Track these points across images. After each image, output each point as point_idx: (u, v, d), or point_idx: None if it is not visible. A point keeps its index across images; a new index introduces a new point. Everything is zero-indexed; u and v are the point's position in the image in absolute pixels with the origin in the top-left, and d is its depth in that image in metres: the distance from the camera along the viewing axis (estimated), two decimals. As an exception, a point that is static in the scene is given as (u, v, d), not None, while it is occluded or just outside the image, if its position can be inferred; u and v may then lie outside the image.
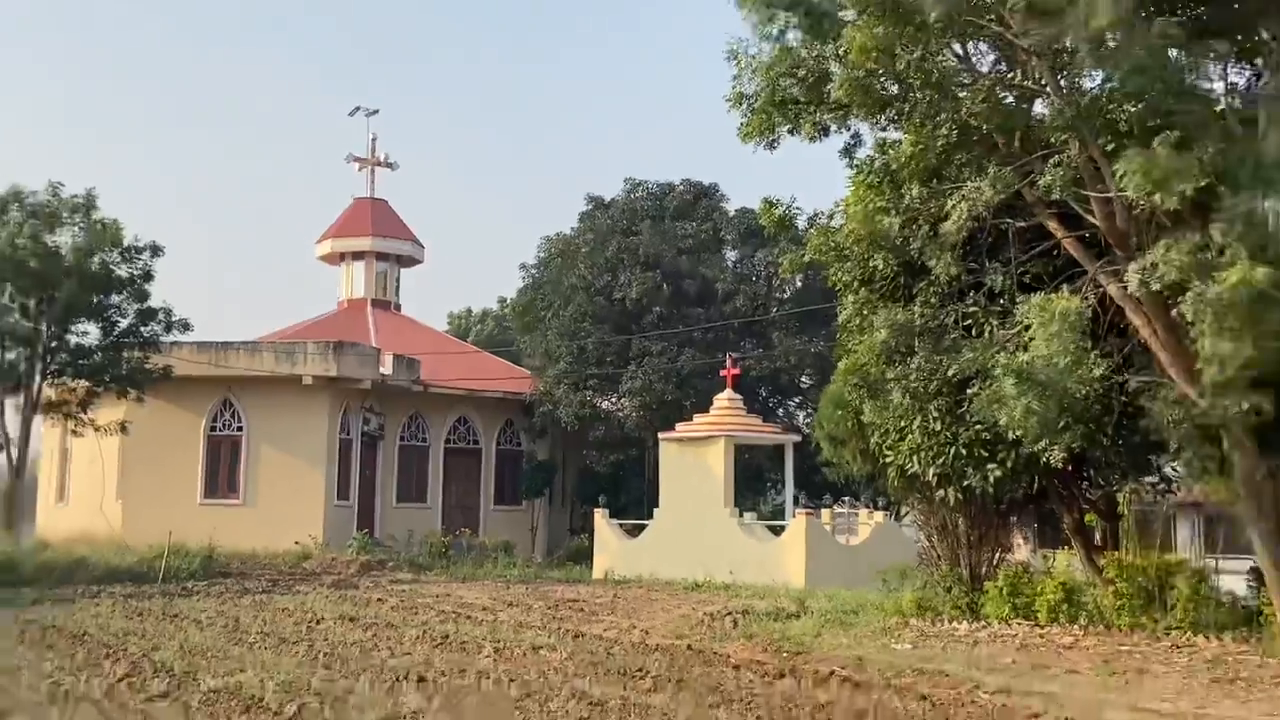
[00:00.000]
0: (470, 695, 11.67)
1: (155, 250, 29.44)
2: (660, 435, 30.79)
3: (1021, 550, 20.90)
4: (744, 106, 14.59)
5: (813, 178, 62.75)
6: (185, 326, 30.16)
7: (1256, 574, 14.93)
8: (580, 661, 14.06)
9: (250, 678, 12.40)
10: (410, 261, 44.81)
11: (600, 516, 31.17)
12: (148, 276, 29.39)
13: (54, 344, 28.37)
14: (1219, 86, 13.37)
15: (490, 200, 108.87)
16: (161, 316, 29.77)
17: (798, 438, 31.52)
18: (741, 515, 29.47)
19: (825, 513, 30.46)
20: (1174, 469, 16.70)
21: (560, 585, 26.54)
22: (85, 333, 28.90)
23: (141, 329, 29.52)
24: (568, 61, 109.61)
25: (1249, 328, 10.78)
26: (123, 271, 28.94)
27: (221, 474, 33.13)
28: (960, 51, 13.58)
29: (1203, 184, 11.06)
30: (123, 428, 31.28)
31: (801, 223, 21.25)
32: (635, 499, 35.58)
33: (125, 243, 28.85)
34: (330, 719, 10.43)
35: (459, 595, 23.39)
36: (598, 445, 39.35)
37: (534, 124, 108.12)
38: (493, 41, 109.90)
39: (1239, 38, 13.08)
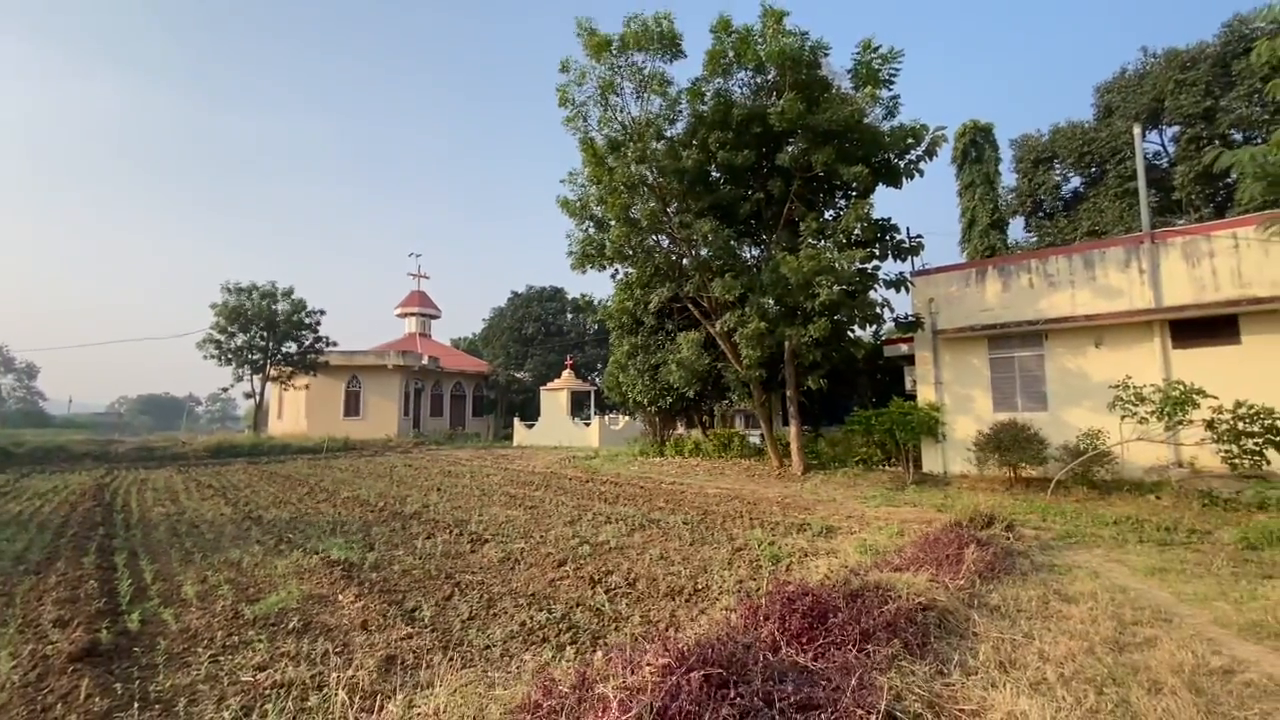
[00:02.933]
0: (460, 495, 11.23)
1: (321, 311, 27.79)
2: (541, 388, 30.12)
3: (680, 429, 21.42)
4: (571, 257, 14.37)
5: (602, 285, 62.52)
6: (333, 344, 28.18)
7: (762, 436, 15.46)
8: (506, 480, 13.67)
9: (364, 491, 11.59)
10: (435, 317, 42.30)
11: (517, 421, 30.13)
12: (318, 323, 27.54)
13: (275, 353, 26.59)
14: (748, 255, 13.90)
15: (467, 286, 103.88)
16: (324, 340, 27.85)
17: (596, 389, 31.39)
18: (574, 419, 29.14)
19: (608, 417, 30.40)
20: (734, 397, 17.41)
21: (499, 450, 25.72)
22: (290, 347, 27.03)
23: (315, 345, 27.60)
24: (508, 218, 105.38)
25: (758, 345, 11.40)
26: (307, 320, 27.05)
27: (351, 407, 30.64)
28: (655, 238, 13.54)
29: (741, 291, 11.62)
30: (307, 387, 29.30)
31: (596, 303, 21.17)
32: (531, 414, 34.75)
33: (308, 308, 27.12)
34: (397, 507, 9.88)
35: (455, 455, 22.26)
36: (515, 392, 38.13)
37: (488, 252, 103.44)
38: (475, 211, 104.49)
39: (755, 236, 13.76)
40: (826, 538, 7.33)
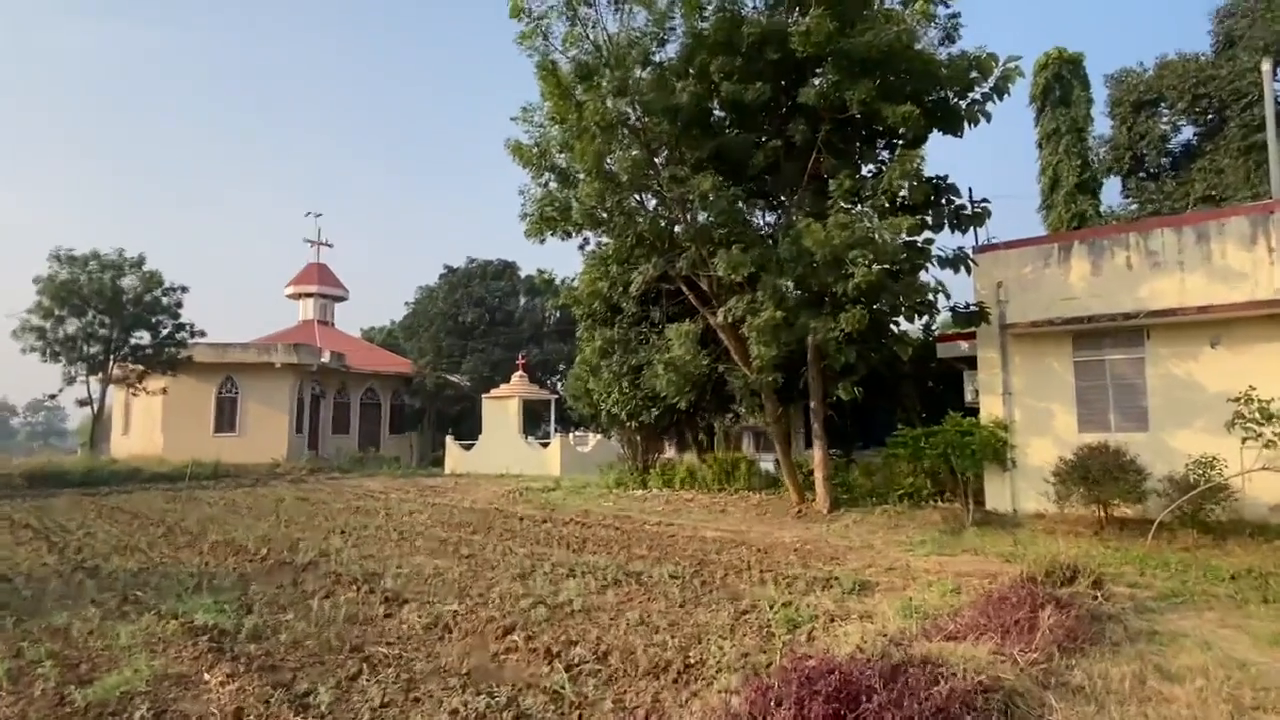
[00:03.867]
0: (372, 539, 11.16)
1: (184, 289, 27.42)
2: (483, 396, 30.07)
3: (669, 452, 21.59)
4: (526, 220, 14.39)
5: (567, 258, 62.80)
6: (202, 333, 27.92)
7: (777, 462, 15.86)
8: (434, 519, 13.69)
9: (240, 534, 11.43)
10: (340, 298, 41.96)
11: (449, 440, 30.15)
12: (179, 304, 27.08)
13: (121, 344, 25.98)
14: (760, 222, 14.10)
15: (386, 262, 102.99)
16: (188, 328, 27.35)
17: (557, 397, 31.46)
18: (526, 438, 29.16)
19: (572, 435, 30.53)
20: (740, 410, 17.64)
21: (426, 478, 25.57)
22: (141, 337, 26.47)
23: (175, 335, 27.04)
24: (441, 177, 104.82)
25: (773, 341, 11.55)
26: (164, 300, 26.56)
27: (225, 420, 30.19)
28: (638, 198, 13.65)
29: (752, 269, 11.75)
30: (164, 391, 28.82)
31: (558, 282, 21.24)
32: (469, 431, 34.65)
33: (165, 284, 26.66)
34: (285, 555, 9.76)
35: (366, 486, 22.16)
36: (448, 401, 38.06)
37: (413, 216, 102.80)
38: (396, 167, 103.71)
39: (770, 198, 13.96)
40: (860, 596, 7.42)
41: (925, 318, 13.79)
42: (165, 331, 27.07)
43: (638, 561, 9.16)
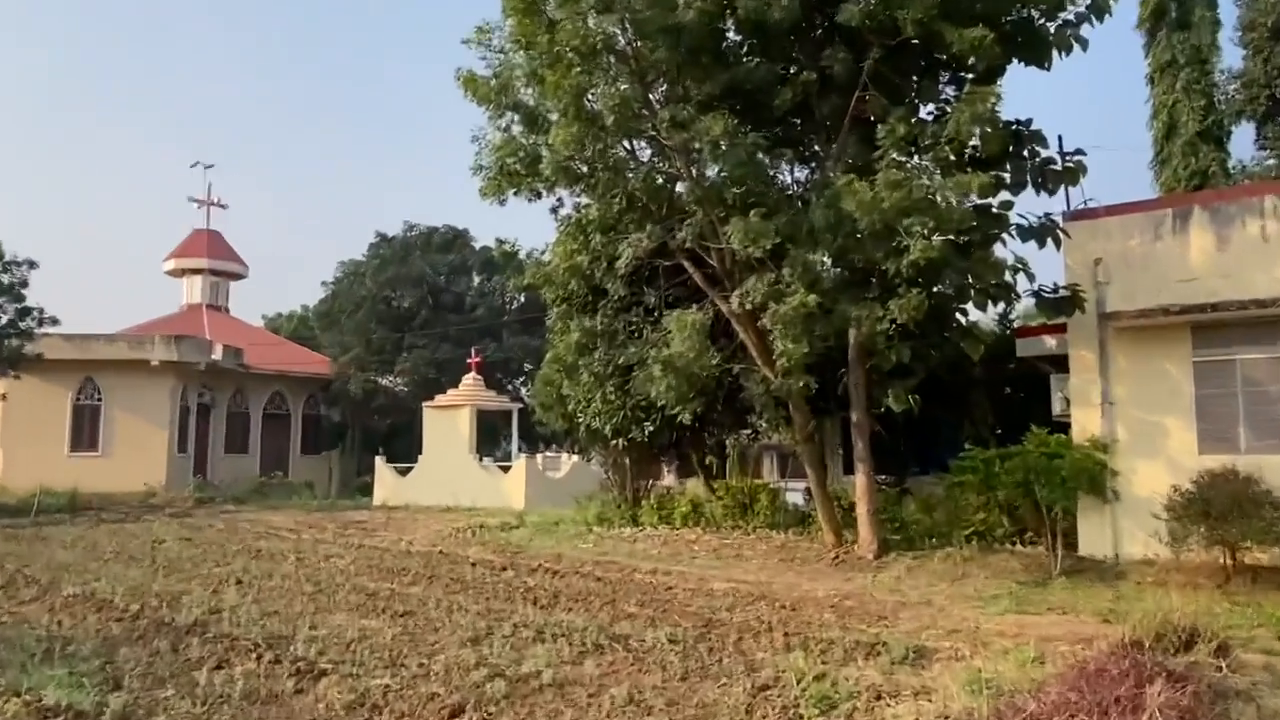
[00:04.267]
0: (278, 591, 11.14)
1: (31, 264, 26.79)
2: (424, 404, 30.09)
3: (667, 479, 21.63)
4: (482, 174, 14.38)
5: (536, 225, 62.79)
6: (54, 321, 27.23)
7: (808, 491, 15.95)
8: (361, 565, 13.69)
9: (104, 585, 11.39)
10: (237, 276, 41.91)
11: (380, 462, 30.16)
12: (24, 283, 26.58)
13: None
14: (788, 178, 14.21)
15: (298, 230, 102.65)
16: (35, 314, 26.87)
17: (520, 405, 31.50)
18: (481, 459, 29.18)
19: (539, 457, 30.61)
20: (760, 424, 17.66)
21: (349, 512, 25.54)
22: None
23: (19, 324, 26.58)
24: (369, 124, 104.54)
25: (803, 334, 11.60)
26: (3, 279, 26.06)
27: (84, 435, 30.08)
28: (628, 146, 13.73)
29: (777, 241, 11.82)
30: (2, 397, 28.69)
31: (523, 255, 21.25)
32: (405, 450, 34.62)
33: (6, 258, 26.12)
34: (164, 612, 9.72)
35: (270, 520, 22.13)
36: (378, 411, 38.10)
37: (334, 172, 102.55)
38: (313, 110, 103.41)
39: (800, 148, 14.02)
40: (914, 667, 7.46)
41: (1001, 305, 13.87)
42: (4, 319, 26.84)
43: (625, 621, 9.19)
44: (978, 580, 11.38)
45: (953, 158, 11.55)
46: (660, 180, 13.75)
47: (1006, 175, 12.42)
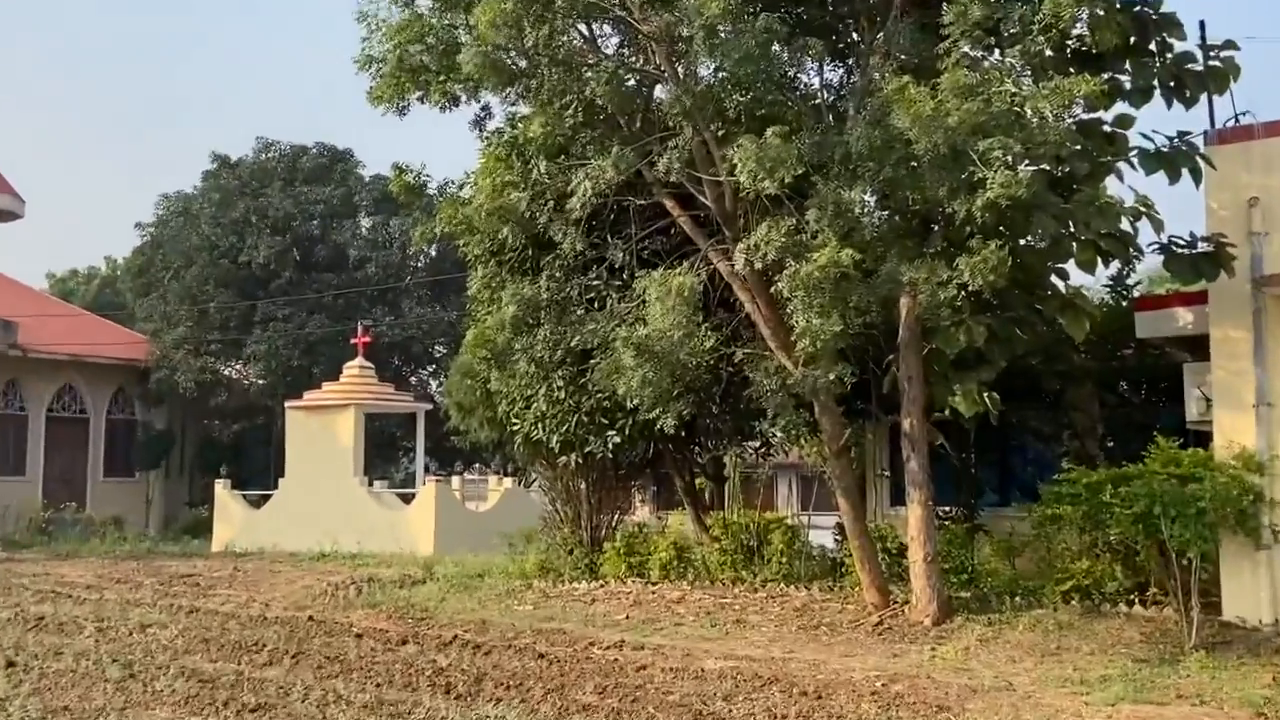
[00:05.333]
0: (66, 679, 10.98)
1: None
2: (287, 403, 29.95)
3: (640, 511, 21.67)
4: (373, 70, 14.22)
5: (453, 146, 62.28)
6: None
7: (841, 528, 15.91)
8: (193, 638, 13.56)
9: None
10: (8, 216, 41.13)
11: (221, 487, 30.02)
12: None
13: None
14: (816, 82, 14.19)
15: (99, 155, 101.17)
16: None
17: (429, 406, 31.49)
18: (371, 484, 29.12)
19: (456, 480, 30.60)
20: (773, 434, 17.69)
21: (176, 560, 25.28)
22: None
23: None
24: (196, 10, 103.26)
25: (835, 304, 11.60)
26: None
27: None
28: (586, 32, 13.66)
29: (799, 172, 11.77)
30: None
31: (434, 190, 21.09)
32: (260, 469, 34.47)
33: None
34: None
35: (60, 574, 21.85)
36: (220, 413, 37.86)
37: (152, 75, 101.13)
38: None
39: (833, 38, 14.02)
40: (992, 779, 7.50)
41: (1116, 265, 13.96)
42: None
43: (579, 717, 9.21)
44: (1079, 656, 11.44)
45: (1049, 53, 11.57)
46: (632, 82, 13.70)
47: (1125, 79, 12.48)
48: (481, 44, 13.00)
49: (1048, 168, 11.61)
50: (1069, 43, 11.83)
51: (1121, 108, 12.41)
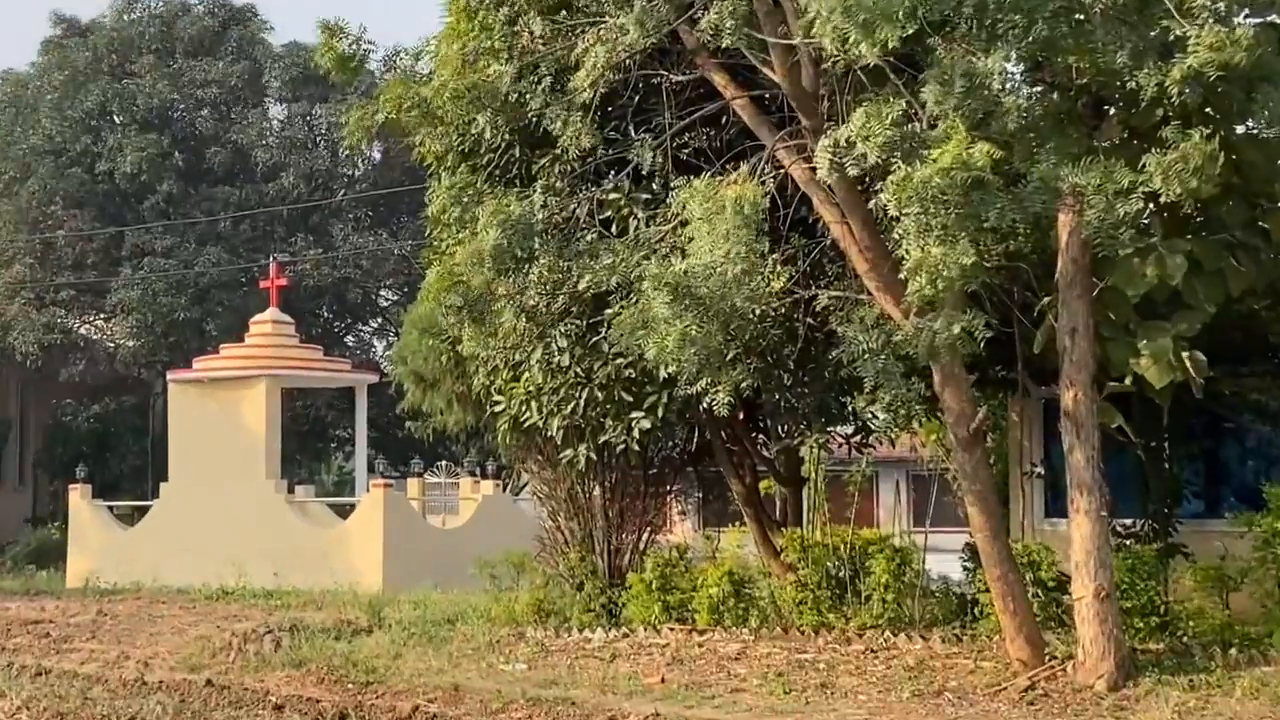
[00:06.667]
0: None
1: None
2: (170, 375, 30.08)
3: (680, 528, 21.64)
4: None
5: (413, 5, 61.95)
6: None
7: (972, 551, 15.84)
8: (40, 712, 13.64)
9: None
10: None
11: (79, 496, 30.13)
12: None
13: None
14: None
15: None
16: None
17: (374, 378, 31.56)
18: (292, 489, 29.23)
19: (413, 483, 30.62)
20: (873, 415, 17.54)
21: (15, 600, 25.48)
22: None
23: None
24: None
25: (964, 225, 11.48)
26: None
27: None
28: None
29: (912, 30, 11.65)
30: None
31: (377, 65, 21.05)
32: (134, 469, 34.80)
33: None
34: None
35: None
36: (76, 390, 38.06)
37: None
38: None
39: None
40: None
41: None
42: None
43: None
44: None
45: None
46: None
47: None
48: None
49: (1278, 20, 11.46)
50: None
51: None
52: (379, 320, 41.15)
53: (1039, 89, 12.59)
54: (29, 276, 35.87)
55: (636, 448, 16.98)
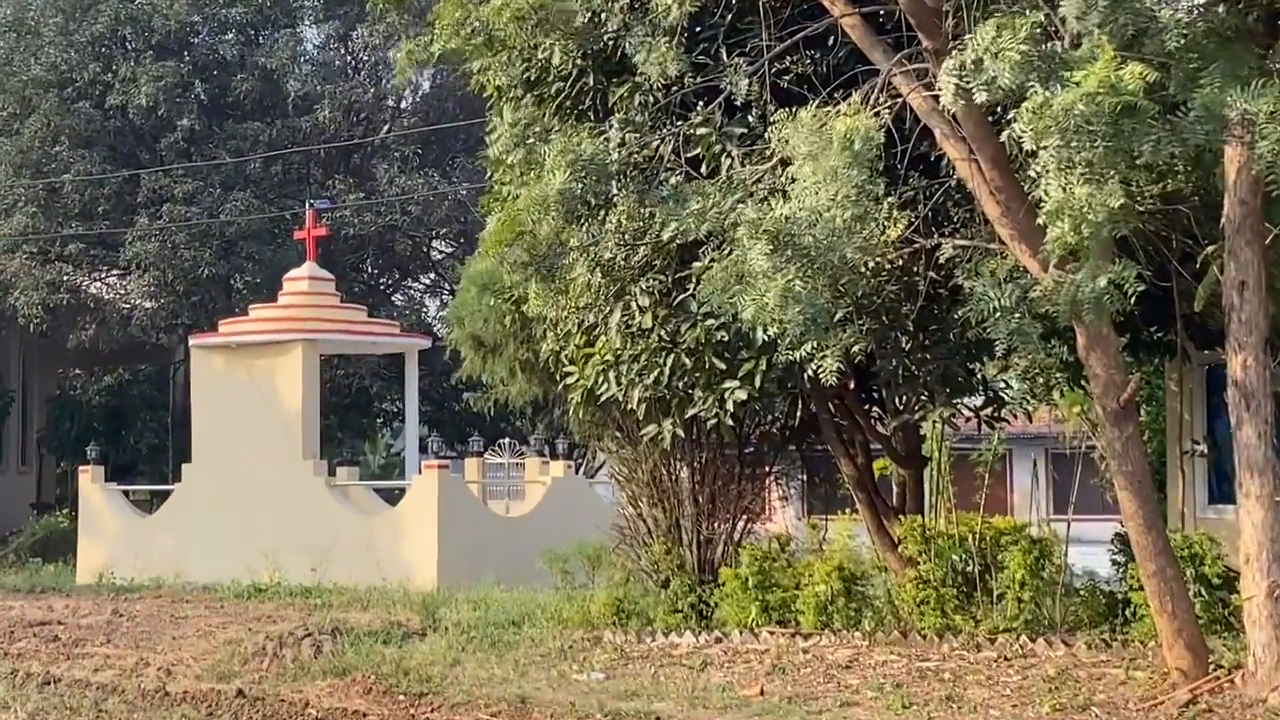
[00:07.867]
0: None
1: None
2: (193, 340, 30.26)
3: (781, 516, 21.62)
4: None
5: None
6: None
7: (1123, 543, 15.80)
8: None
9: None
10: None
11: (90, 479, 30.40)
12: None
13: None
14: None
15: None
16: None
17: (426, 342, 31.65)
18: (334, 471, 29.36)
19: (472, 463, 30.69)
20: (1007, 383, 17.47)
21: (19, 598, 25.82)
22: None
23: None
24: None
25: (1113, 161, 11.41)
26: None
27: None
28: None
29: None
30: None
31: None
32: (152, 448, 35.08)
33: None
34: None
35: None
36: (84, 357, 38.45)
37: None
38: None
39: None
40: None
41: None
42: None
43: None
44: None
45: None
46: None
47: None
48: None
49: None
50: None
51: None
52: (431, 276, 41.24)
53: (1202, 1, 12.47)
54: (31, 228, 36.02)
55: (730, 423, 17.01)
